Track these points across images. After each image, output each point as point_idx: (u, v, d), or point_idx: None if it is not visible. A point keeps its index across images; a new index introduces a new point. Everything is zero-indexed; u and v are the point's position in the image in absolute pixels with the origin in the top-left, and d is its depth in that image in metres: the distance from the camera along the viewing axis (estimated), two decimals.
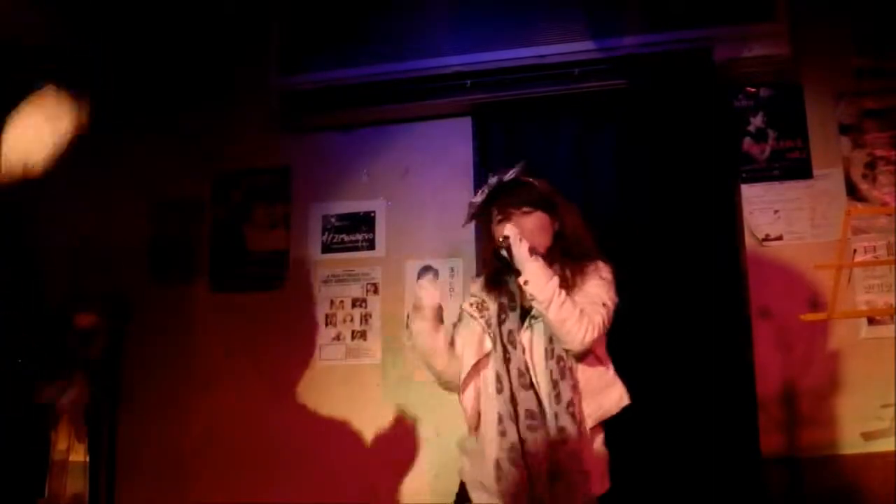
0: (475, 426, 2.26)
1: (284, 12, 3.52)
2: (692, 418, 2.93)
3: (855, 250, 3.08)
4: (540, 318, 2.19)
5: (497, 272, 2.30)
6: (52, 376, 3.30)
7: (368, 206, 3.57)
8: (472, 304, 2.32)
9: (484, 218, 2.35)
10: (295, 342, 3.51)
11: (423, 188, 3.51)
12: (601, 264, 2.28)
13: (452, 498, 2.29)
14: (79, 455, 3.28)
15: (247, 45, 3.66)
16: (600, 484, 2.22)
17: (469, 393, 2.25)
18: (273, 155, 3.67)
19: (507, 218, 2.23)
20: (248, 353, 3.53)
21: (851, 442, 2.96)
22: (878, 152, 3.15)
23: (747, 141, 3.26)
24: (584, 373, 2.19)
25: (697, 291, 3.01)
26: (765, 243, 3.18)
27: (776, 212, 3.20)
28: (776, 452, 2.98)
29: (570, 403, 2.13)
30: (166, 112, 3.71)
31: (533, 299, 2.14)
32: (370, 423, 3.38)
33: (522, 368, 2.18)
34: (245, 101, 3.67)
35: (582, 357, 2.18)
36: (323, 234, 3.59)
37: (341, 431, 3.40)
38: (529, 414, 2.14)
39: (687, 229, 3.08)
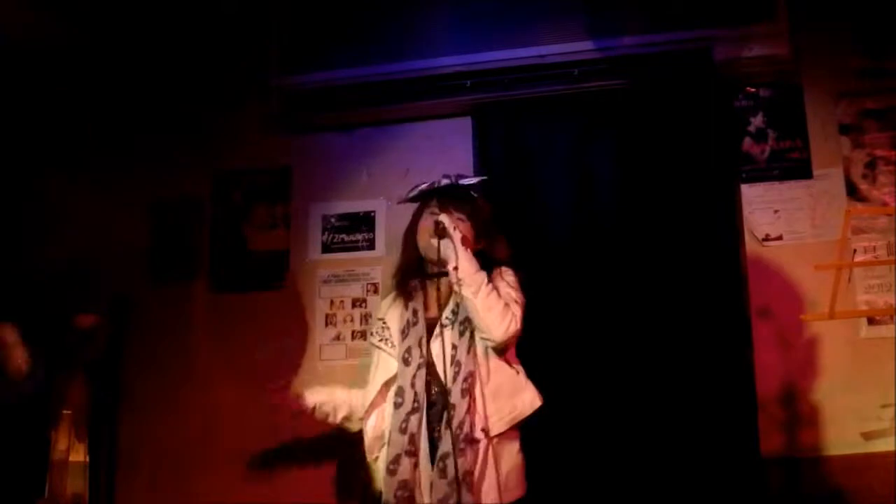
0: (373, 451, 2.35)
1: (284, 12, 3.52)
2: (692, 418, 2.93)
3: (855, 250, 3.08)
4: (448, 326, 2.23)
5: (406, 271, 2.38)
6: (52, 376, 3.30)
7: (368, 206, 3.57)
8: (374, 334, 2.40)
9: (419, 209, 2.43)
10: (295, 342, 3.51)
11: None
12: (505, 269, 2.35)
13: None
14: (79, 455, 3.27)
15: (247, 45, 3.66)
16: (513, 492, 2.24)
17: (372, 419, 2.33)
18: (273, 155, 3.67)
19: (442, 212, 2.29)
20: (248, 354, 3.53)
21: (851, 442, 2.96)
22: (878, 152, 3.15)
23: (747, 141, 3.26)
24: (498, 376, 2.24)
25: (697, 291, 3.01)
26: (765, 243, 3.18)
27: (776, 212, 3.20)
28: (776, 452, 2.98)
29: (468, 410, 2.17)
30: (166, 112, 3.71)
31: (462, 285, 2.17)
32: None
33: (407, 386, 2.23)
34: (245, 101, 3.66)
35: (500, 353, 2.24)
36: (323, 234, 3.59)
37: (341, 431, 3.39)
38: (412, 439, 2.19)
39: (687, 229, 3.08)
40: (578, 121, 3.28)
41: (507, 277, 2.33)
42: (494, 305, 2.18)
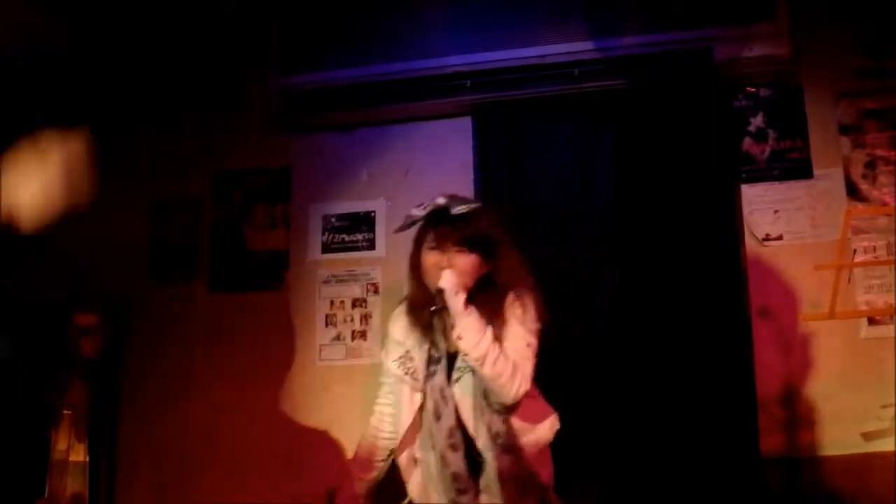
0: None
1: (284, 12, 3.52)
2: (692, 418, 2.93)
3: (855, 250, 3.08)
4: (467, 369, 2.12)
5: (419, 307, 2.21)
6: (52, 376, 3.30)
7: (368, 206, 3.57)
8: (396, 362, 2.25)
9: (415, 237, 2.26)
10: (295, 342, 3.51)
11: (423, 188, 3.49)
12: (518, 297, 2.17)
13: None
14: (79, 455, 3.27)
15: (247, 44, 3.66)
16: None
17: (405, 456, 2.22)
18: (273, 155, 3.67)
19: (439, 248, 2.14)
20: (248, 354, 3.53)
21: (851, 442, 2.96)
22: (878, 152, 3.16)
23: (747, 141, 3.26)
24: (522, 411, 2.14)
25: (697, 291, 3.02)
26: (765, 243, 3.18)
27: (776, 212, 3.20)
28: (776, 452, 2.98)
29: (519, 451, 2.11)
30: (167, 112, 3.72)
31: (466, 355, 2.07)
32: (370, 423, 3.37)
33: (453, 426, 2.13)
34: (245, 101, 3.67)
35: (514, 407, 2.12)
36: (323, 234, 3.59)
37: (341, 432, 3.39)
38: (455, 477, 2.11)
39: (687, 229, 3.08)
40: (578, 121, 3.28)
41: (517, 312, 2.15)
42: (502, 373, 2.04)
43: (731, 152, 3.22)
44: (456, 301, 2.07)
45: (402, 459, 2.23)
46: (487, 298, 2.14)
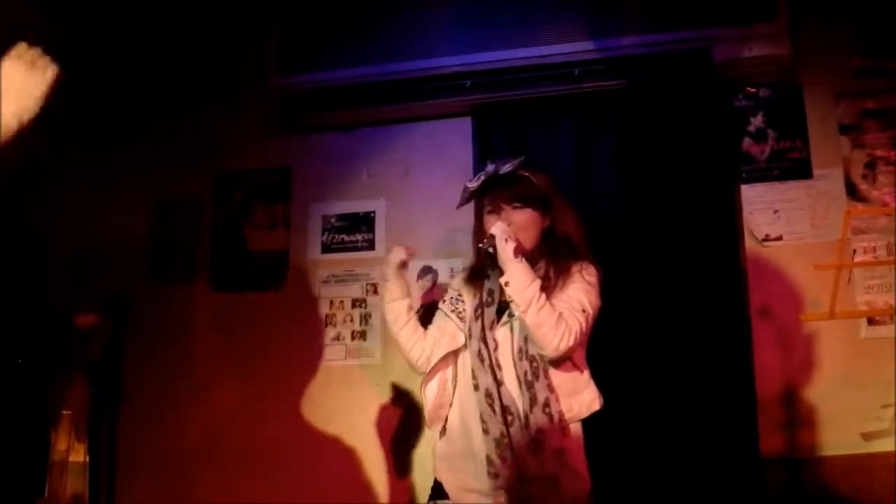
0: (434, 421, 2.27)
1: (284, 12, 3.52)
2: (692, 418, 2.93)
3: (855, 250, 3.08)
4: (515, 318, 2.17)
5: (480, 266, 2.31)
6: (52, 376, 3.30)
7: (368, 206, 3.57)
8: (445, 301, 2.34)
9: (475, 209, 2.34)
10: (295, 342, 3.51)
11: (423, 188, 3.51)
12: (587, 266, 2.25)
13: None
14: (79, 455, 3.28)
15: (247, 45, 3.66)
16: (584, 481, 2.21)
17: (433, 384, 2.26)
18: (273, 155, 3.67)
19: (496, 210, 2.23)
20: (248, 354, 3.53)
21: (851, 442, 2.96)
22: (878, 152, 3.15)
23: (747, 141, 3.26)
24: (558, 375, 2.17)
25: (697, 291, 3.01)
26: (765, 243, 3.18)
27: (776, 212, 3.20)
28: (776, 452, 2.98)
29: (546, 404, 2.11)
30: (167, 111, 3.71)
31: (512, 301, 2.13)
32: (370, 423, 3.37)
33: (496, 367, 2.17)
34: (245, 101, 3.67)
35: (557, 362, 2.16)
36: (323, 234, 3.59)
37: (341, 432, 3.40)
38: (506, 410, 2.13)
39: (687, 229, 3.08)
40: (578, 121, 3.28)
41: (588, 278, 2.22)
42: (545, 321, 2.09)
43: (731, 152, 3.21)
44: (506, 248, 2.13)
45: (429, 388, 2.26)
46: (555, 255, 2.24)
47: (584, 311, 2.17)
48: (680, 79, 3.16)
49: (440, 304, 2.37)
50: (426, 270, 3.42)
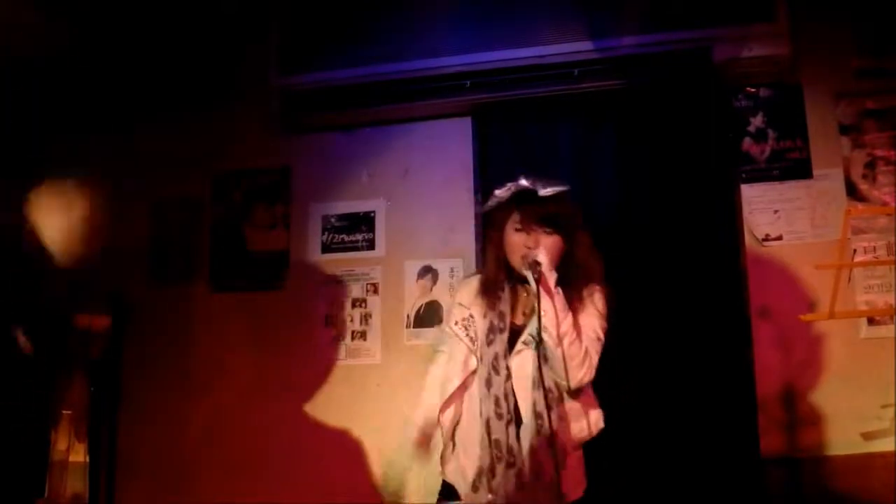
0: (448, 444, 2.27)
1: (284, 12, 3.52)
2: (692, 418, 2.93)
3: (855, 250, 3.08)
4: (531, 345, 2.16)
5: (494, 282, 2.26)
6: (52, 376, 3.30)
7: (368, 206, 3.57)
8: (457, 322, 2.29)
9: (492, 215, 2.31)
10: (295, 342, 3.51)
11: (423, 188, 3.51)
12: (596, 291, 2.25)
13: None
14: (79, 455, 3.28)
15: (247, 45, 3.66)
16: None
17: (450, 413, 2.25)
18: (273, 155, 3.67)
19: (526, 230, 2.20)
20: (248, 354, 3.53)
21: (851, 442, 2.96)
22: (878, 152, 3.15)
23: (747, 141, 3.26)
24: (569, 402, 2.18)
25: (697, 291, 3.02)
26: (765, 243, 3.18)
27: (776, 212, 3.20)
28: (776, 452, 2.98)
29: (554, 435, 2.10)
30: (167, 111, 3.72)
31: (545, 331, 2.10)
32: (370, 423, 3.37)
33: (500, 396, 2.16)
34: (245, 101, 3.66)
35: (575, 393, 2.17)
36: (323, 234, 3.59)
37: (341, 432, 3.39)
38: (497, 444, 2.14)
39: (687, 229, 3.08)
40: (578, 121, 3.28)
41: (598, 305, 2.23)
42: (576, 355, 2.10)
43: (731, 152, 3.21)
44: (550, 278, 2.13)
45: (447, 415, 2.26)
46: (568, 282, 2.20)
47: (598, 339, 2.20)
48: (680, 79, 3.17)
49: (451, 325, 2.31)
50: (426, 270, 3.43)
